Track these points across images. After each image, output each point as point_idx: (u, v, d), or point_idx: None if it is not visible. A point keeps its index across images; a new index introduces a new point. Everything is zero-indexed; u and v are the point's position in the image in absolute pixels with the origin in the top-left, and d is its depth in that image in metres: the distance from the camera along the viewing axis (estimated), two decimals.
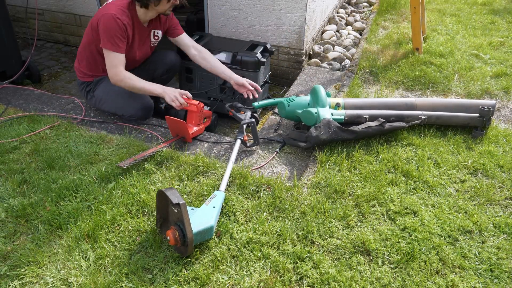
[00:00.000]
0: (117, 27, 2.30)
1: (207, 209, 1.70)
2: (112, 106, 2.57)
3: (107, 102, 2.57)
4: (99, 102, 2.61)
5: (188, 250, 1.55)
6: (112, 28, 2.29)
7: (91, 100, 2.65)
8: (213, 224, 1.64)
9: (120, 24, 2.31)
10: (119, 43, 2.34)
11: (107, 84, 2.54)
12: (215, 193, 1.81)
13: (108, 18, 2.29)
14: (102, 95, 2.57)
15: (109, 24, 2.29)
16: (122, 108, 2.52)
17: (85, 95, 2.67)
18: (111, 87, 2.51)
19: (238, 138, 2.25)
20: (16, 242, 1.68)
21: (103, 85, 2.58)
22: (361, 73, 3.31)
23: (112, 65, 2.37)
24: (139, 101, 2.50)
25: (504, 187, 2.05)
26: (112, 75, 2.38)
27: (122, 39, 2.35)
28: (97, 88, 2.60)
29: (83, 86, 2.65)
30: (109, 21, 2.29)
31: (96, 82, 2.61)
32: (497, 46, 3.84)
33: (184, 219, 1.50)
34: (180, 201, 1.50)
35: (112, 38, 2.31)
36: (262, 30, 3.43)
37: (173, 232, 1.55)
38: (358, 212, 1.86)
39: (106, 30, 2.30)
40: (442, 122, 2.47)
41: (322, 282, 1.52)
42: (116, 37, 2.31)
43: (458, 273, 1.59)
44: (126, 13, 2.36)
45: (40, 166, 2.10)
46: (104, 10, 2.35)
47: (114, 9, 2.32)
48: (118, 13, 2.32)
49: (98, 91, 2.59)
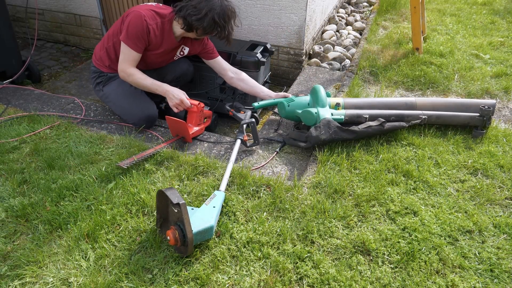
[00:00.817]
0: (141, 27, 2.30)
1: (207, 209, 1.70)
2: (117, 109, 2.57)
3: (113, 103, 2.57)
4: (105, 98, 2.61)
5: (188, 250, 1.55)
6: (136, 26, 2.30)
7: (99, 92, 2.65)
8: (213, 224, 1.64)
9: (145, 26, 2.31)
10: (138, 43, 2.35)
11: (118, 85, 2.54)
12: (215, 193, 1.81)
13: (136, 16, 2.30)
14: (110, 94, 2.57)
15: (135, 22, 2.30)
16: (125, 115, 2.53)
17: (94, 85, 2.65)
18: (121, 89, 2.52)
19: (238, 138, 2.25)
20: (16, 242, 1.68)
21: (114, 84, 2.57)
22: (361, 73, 3.31)
23: (124, 59, 2.39)
24: (143, 111, 2.48)
25: (504, 187, 2.05)
26: (121, 69, 2.41)
27: (143, 40, 2.35)
28: (108, 84, 2.59)
29: (96, 75, 2.63)
30: (136, 19, 2.30)
31: (109, 77, 2.60)
32: (497, 46, 3.84)
33: (184, 219, 1.50)
34: (180, 201, 1.50)
35: (133, 35, 2.31)
36: (262, 30, 3.43)
37: (173, 232, 1.55)
38: (358, 212, 1.86)
39: (130, 26, 2.31)
40: (442, 121, 2.47)
41: (322, 282, 1.52)
42: (137, 36, 2.32)
43: (458, 273, 1.59)
44: (156, 20, 2.35)
45: (40, 166, 2.10)
46: (139, 8, 2.35)
47: (147, 11, 2.33)
48: (148, 16, 2.32)
49: (107, 88, 2.59)
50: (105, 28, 3.96)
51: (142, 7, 2.37)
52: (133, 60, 2.39)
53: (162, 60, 2.62)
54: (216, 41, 3.10)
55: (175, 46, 2.54)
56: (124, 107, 2.51)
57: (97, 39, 4.11)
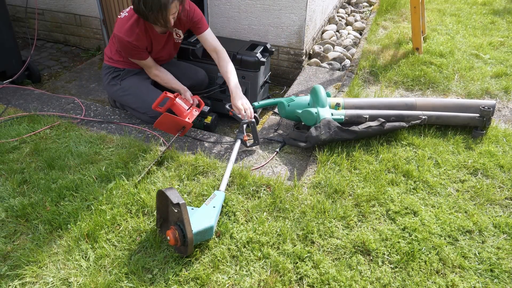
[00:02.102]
0: (130, 48, 2.42)
1: (207, 209, 1.70)
2: (137, 101, 2.58)
3: (133, 95, 2.59)
4: (122, 91, 2.63)
5: (188, 250, 1.55)
6: (126, 49, 2.44)
7: (114, 87, 2.66)
8: (213, 224, 1.64)
9: (131, 46, 2.40)
10: (138, 54, 2.48)
11: (139, 79, 2.62)
12: (215, 193, 1.81)
13: (119, 41, 2.41)
14: (130, 87, 2.61)
15: (122, 47, 2.44)
16: (145, 108, 2.54)
17: (109, 80, 2.67)
18: (142, 83, 2.60)
19: (238, 138, 2.25)
20: (16, 242, 1.68)
21: (135, 78, 2.63)
22: (361, 73, 3.31)
23: (144, 67, 2.61)
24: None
25: (504, 187, 2.05)
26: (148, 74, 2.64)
27: (140, 51, 2.46)
28: (126, 78, 2.63)
29: (110, 71, 2.66)
30: (121, 44, 2.42)
31: (127, 72, 2.64)
32: (497, 46, 3.84)
33: (184, 219, 1.50)
34: (180, 201, 1.50)
35: (130, 53, 2.47)
36: (262, 30, 3.43)
37: (173, 232, 1.55)
38: (358, 212, 1.86)
39: (122, 49, 2.48)
40: (442, 122, 2.47)
41: (322, 282, 1.52)
42: (133, 53, 2.46)
43: (458, 273, 1.59)
44: (135, 32, 2.38)
45: (40, 166, 2.10)
46: (117, 28, 2.40)
47: (124, 31, 2.36)
48: (127, 35, 2.36)
49: (126, 82, 2.62)
50: (105, 28, 3.96)
51: (118, 25, 2.40)
52: (147, 65, 2.57)
53: (167, 52, 2.68)
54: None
55: (165, 38, 2.58)
56: (146, 100, 2.54)
57: (97, 39, 4.12)
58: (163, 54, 2.66)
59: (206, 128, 2.66)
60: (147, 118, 2.57)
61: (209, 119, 2.69)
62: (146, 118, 2.58)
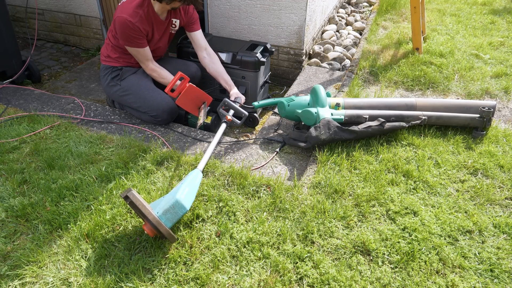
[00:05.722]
0: (131, 30, 2.39)
1: (173, 189, 1.70)
2: (138, 100, 2.57)
3: (134, 95, 2.58)
4: (122, 92, 2.62)
5: (163, 230, 1.53)
6: (126, 30, 2.39)
7: (113, 88, 2.65)
8: (177, 199, 1.61)
9: (133, 27, 2.38)
10: (138, 40, 2.45)
11: (140, 79, 2.61)
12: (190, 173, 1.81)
13: (121, 22, 2.37)
14: (130, 86, 2.60)
15: (123, 28, 2.39)
16: (147, 107, 2.54)
17: (108, 81, 2.66)
18: (143, 82, 2.59)
19: (222, 122, 2.29)
20: (16, 242, 1.68)
21: (134, 77, 2.62)
22: (361, 73, 3.31)
23: (140, 60, 2.56)
24: (168, 103, 2.54)
25: (504, 187, 2.05)
26: (144, 68, 2.61)
27: (140, 36, 2.44)
28: (126, 78, 2.63)
29: (108, 71, 2.65)
30: (123, 25, 2.38)
31: (126, 71, 2.63)
32: (497, 46, 3.84)
33: (138, 205, 1.48)
34: (127, 193, 1.49)
35: (129, 38, 2.43)
36: (262, 30, 3.43)
37: (146, 225, 1.56)
38: (358, 212, 1.86)
39: (122, 33, 2.42)
40: (442, 122, 2.47)
41: (322, 282, 1.52)
42: (133, 37, 2.42)
43: (458, 273, 1.59)
44: (139, 13, 2.39)
45: (40, 166, 2.10)
46: (119, 11, 2.39)
47: (127, 11, 2.37)
48: (131, 16, 2.36)
49: (126, 82, 2.61)
50: (105, 28, 3.96)
51: (122, 7, 2.41)
52: (145, 57, 2.54)
53: (164, 42, 2.70)
54: (216, 41, 3.11)
55: (165, 25, 2.61)
56: (147, 99, 2.54)
57: (97, 39, 4.12)
58: (161, 44, 2.67)
59: (206, 128, 2.66)
60: (148, 118, 2.57)
61: (209, 119, 2.69)
62: (147, 117, 2.57)
